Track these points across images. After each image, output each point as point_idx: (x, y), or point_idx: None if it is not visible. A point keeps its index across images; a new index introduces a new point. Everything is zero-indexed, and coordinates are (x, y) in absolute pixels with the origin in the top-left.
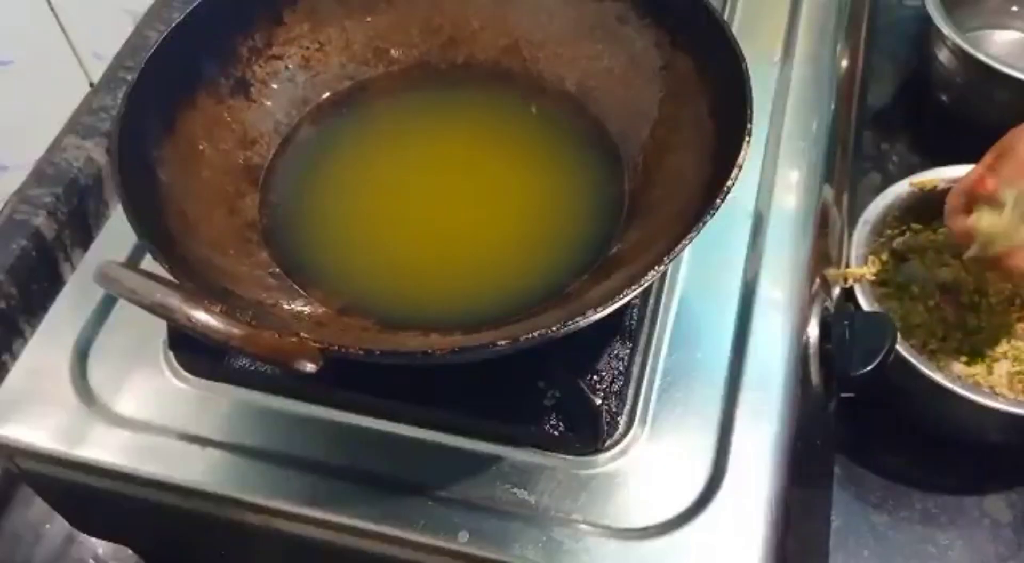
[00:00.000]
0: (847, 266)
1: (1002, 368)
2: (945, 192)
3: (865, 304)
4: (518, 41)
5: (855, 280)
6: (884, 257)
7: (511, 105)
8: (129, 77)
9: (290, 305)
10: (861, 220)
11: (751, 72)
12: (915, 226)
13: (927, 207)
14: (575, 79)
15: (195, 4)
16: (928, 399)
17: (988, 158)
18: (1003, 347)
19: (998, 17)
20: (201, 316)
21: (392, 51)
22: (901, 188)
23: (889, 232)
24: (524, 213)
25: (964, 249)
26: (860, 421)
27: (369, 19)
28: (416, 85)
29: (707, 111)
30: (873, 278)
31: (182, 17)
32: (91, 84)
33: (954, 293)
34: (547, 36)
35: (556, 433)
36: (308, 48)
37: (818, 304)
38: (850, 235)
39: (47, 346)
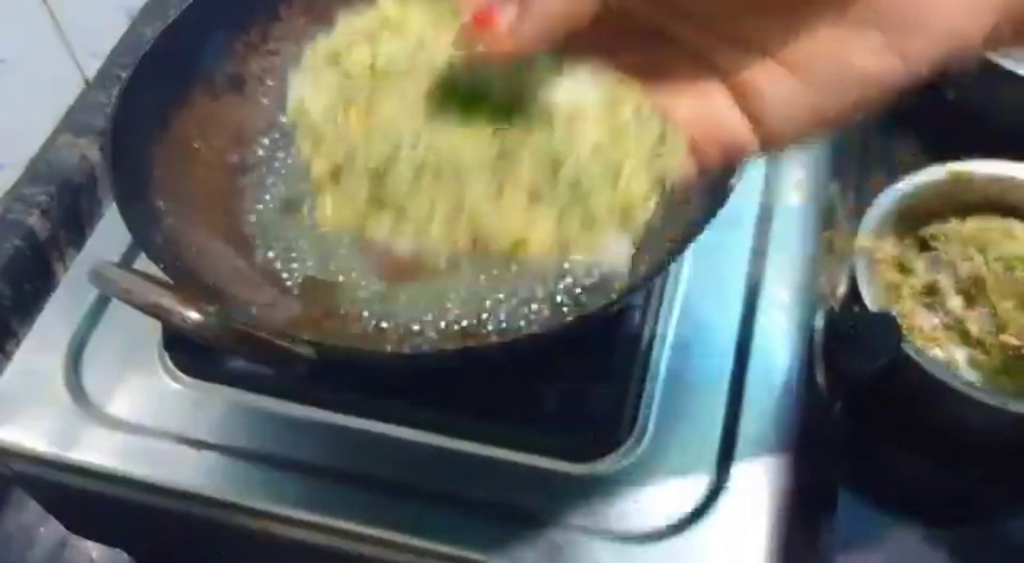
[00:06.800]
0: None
1: (1011, 367)
2: (982, 185)
3: (866, 282)
4: None
5: (860, 250)
6: (907, 241)
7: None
8: (124, 74)
9: (286, 305)
10: (882, 195)
11: None
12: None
13: (961, 198)
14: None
15: (190, 1)
16: (935, 400)
17: None
18: (1014, 346)
19: None
20: (195, 316)
21: None
22: (935, 173)
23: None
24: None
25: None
26: (866, 423)
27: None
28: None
29: None
30: (885, 256)
31: (177, 14)
32: (86, 81)
33: (973, 288)
34: None
35: (557, 436)
36: (304, 44)
37: (823, 304)
38: (857, 225)
39: (40, 347)
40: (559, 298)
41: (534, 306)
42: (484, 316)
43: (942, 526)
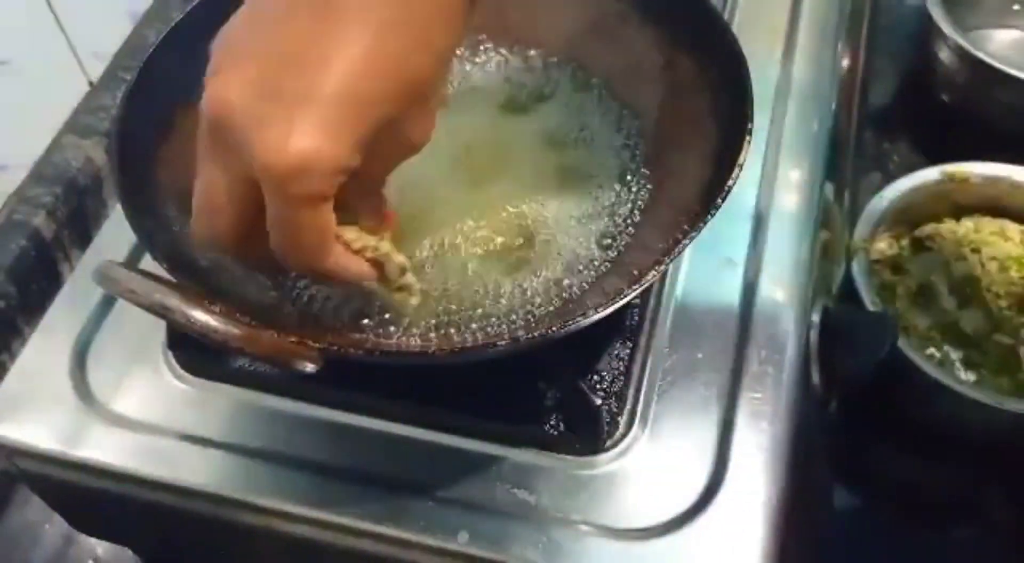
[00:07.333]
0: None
1: (1005, 366)
2: (976, 187)
3: (862, 282)
4: (518, 41)
5: (855, 251)
6: (903, 241)
7: (510, 106)
8: (128, 77)
9: (290, 305)
10: (878, 196)
11: (752, 71)
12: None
13: (956, 199)
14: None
15: (194, 3)
16: (931, 399)
17: None
18: (1008, 345)
19: (999, 16)
20: (200, 316)
21: None
22: (930, 174)
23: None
24: (523, 211)
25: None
26: (861, 421)
27: None
28: None
29: (708, 110)
30: (883, 257)
31: (181, 16)
32: (90, 84)
33: (967, 288)
34: (547, 36)
35: (556, 433)
36: None
37: (819, 303)
38: (852, 226)
39: (46, 346)
40: (557, 298)
41: (533, 306)
42: (486, 317)
43: (937, 524)
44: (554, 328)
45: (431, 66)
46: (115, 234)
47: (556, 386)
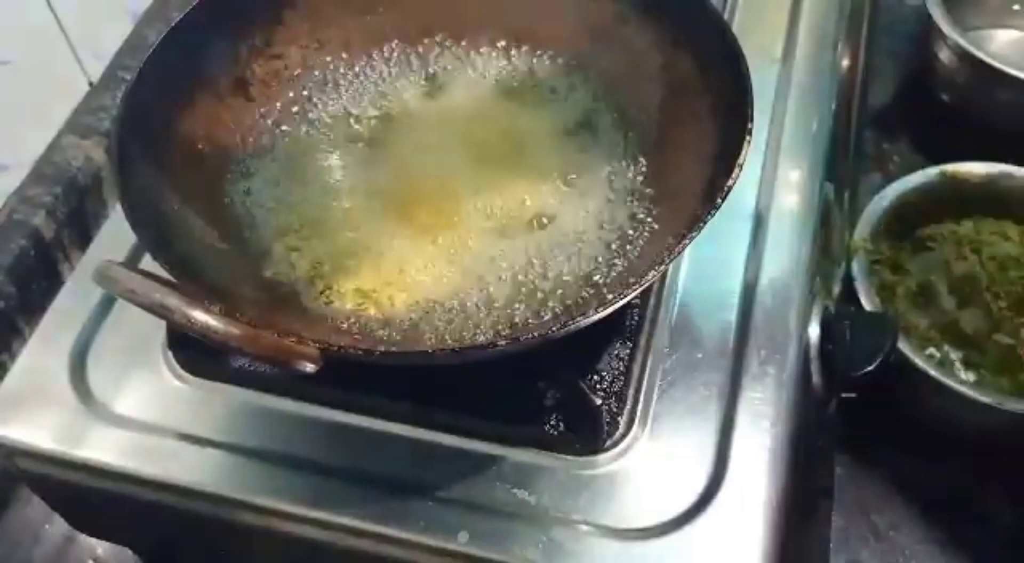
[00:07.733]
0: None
1: (1005, 366)
2: (976, 187)
3: (862, 282)
4: (517, 41)
5: (855, 251)
6: (902, 241)
7: (511, 106)
8: (128, 77)
9: (290, 305)
10: (878, 196)
11: (751, 71)
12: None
13: (956, 199)
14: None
15: (194, 4)
16: (930, 399)
17: None
18: (1008, 345)
19: (999, 16)
20: (200, 316)
21: (391, 51)
22: (930, 174)
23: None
24: (522, 211)
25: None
26: (861, 420)
27: (368, 18)
28: (415, 86)
29: (708, 110)
30: (883, 257)
31: (181, 17)
32: (90, 84)
33: (967, 288)
34: (547, 36)
35: (556, 433)
36: (307, 47)
37: (819, 304)
38: (852, 226)
39: (46, 346)
40: (557, 298)
41: (533, 307)
42: (484, 316)
43: (937, 524)
44: (554, 328)
45: None
46: (115, 234)
47: (556, 386)
